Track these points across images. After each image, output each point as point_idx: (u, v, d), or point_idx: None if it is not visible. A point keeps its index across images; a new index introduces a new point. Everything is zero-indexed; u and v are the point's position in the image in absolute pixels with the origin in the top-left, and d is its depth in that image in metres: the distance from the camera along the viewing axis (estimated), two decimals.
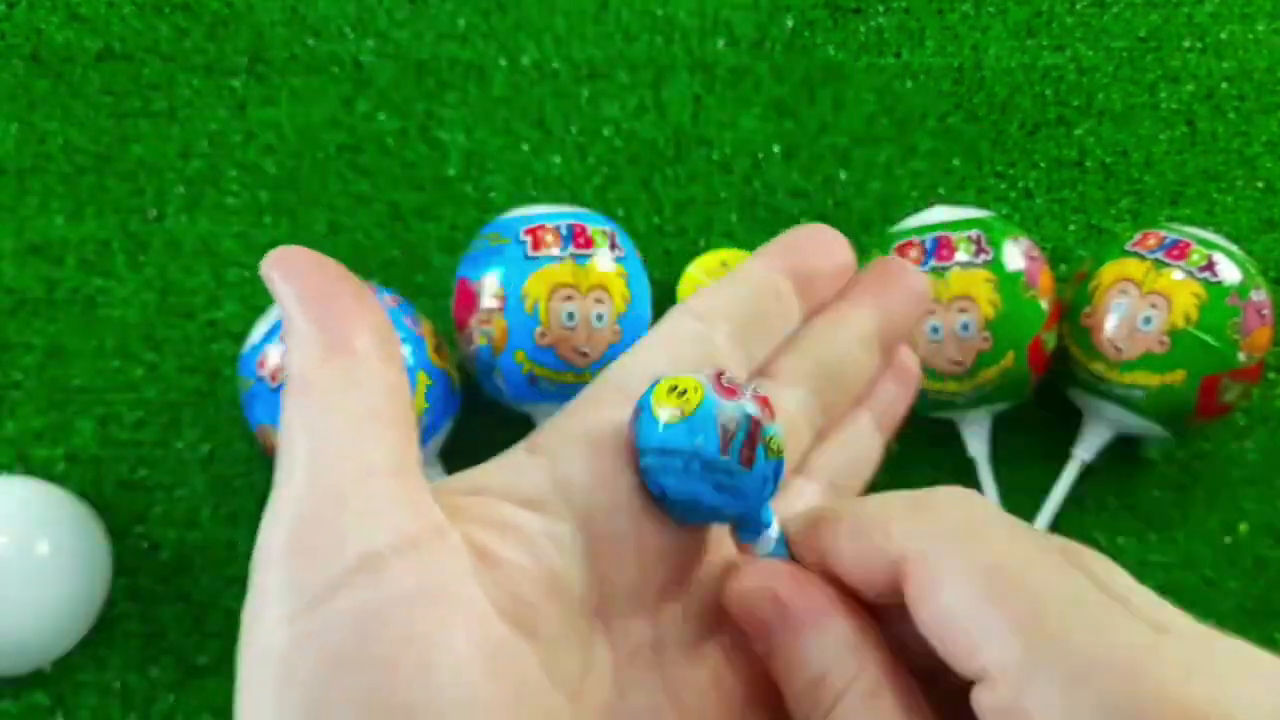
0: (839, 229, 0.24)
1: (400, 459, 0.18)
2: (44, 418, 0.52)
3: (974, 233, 0.46)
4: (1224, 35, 0.59)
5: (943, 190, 0.57)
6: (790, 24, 0.59)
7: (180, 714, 0.48)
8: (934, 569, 0.17)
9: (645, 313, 0.49)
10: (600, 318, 0.46)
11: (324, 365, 0.18)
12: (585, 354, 0.47)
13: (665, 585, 0.20)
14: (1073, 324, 0.49)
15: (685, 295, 0.53)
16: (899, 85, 0.58)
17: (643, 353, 0.22)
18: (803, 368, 0.23)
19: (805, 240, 0.24)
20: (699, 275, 0.53)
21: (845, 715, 0.18)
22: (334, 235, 0.55)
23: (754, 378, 0.23)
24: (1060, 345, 0.49)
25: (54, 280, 0.54)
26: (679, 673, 0.20)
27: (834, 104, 0.58)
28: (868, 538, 0.18)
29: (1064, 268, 0.55)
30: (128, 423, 0.52)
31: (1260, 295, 0.46)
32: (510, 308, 0.46)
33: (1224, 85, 0.59)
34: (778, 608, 0.19)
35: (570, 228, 0.47)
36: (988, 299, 0.45)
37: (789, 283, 0.23)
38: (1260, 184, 0.57)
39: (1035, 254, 0.47)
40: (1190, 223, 0.56)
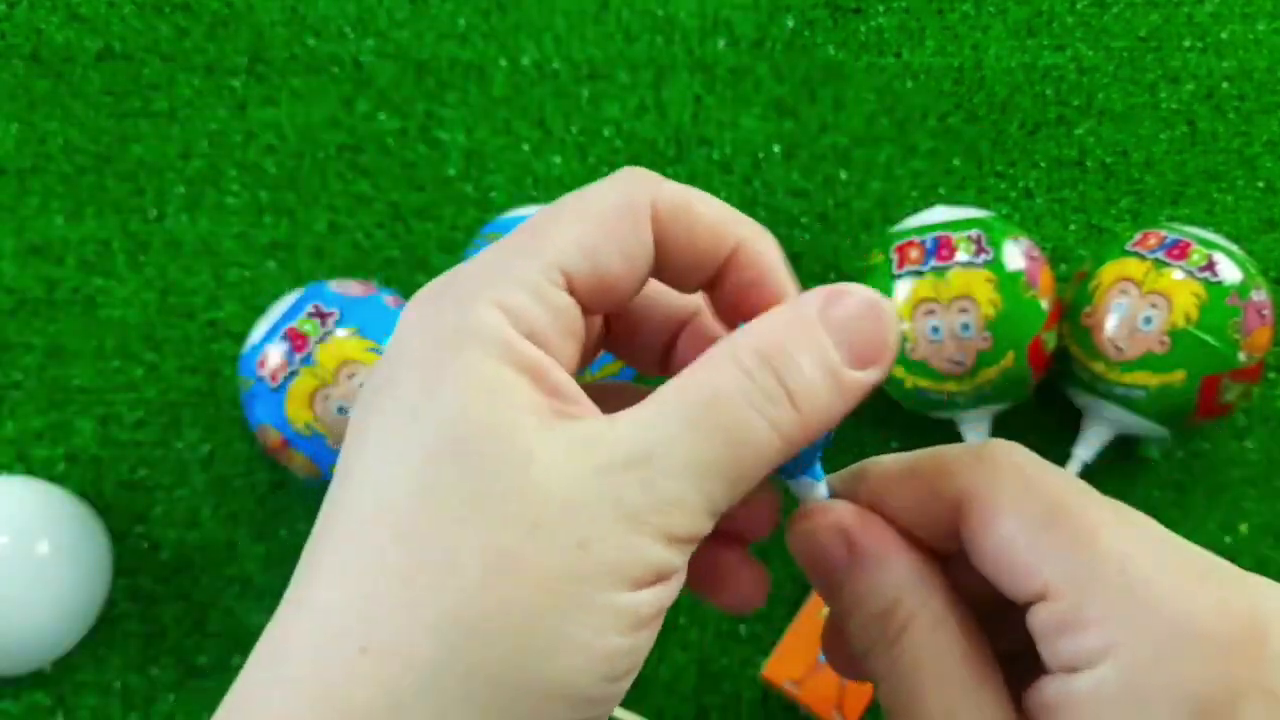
0: (839, 229, 0.24)
1: None
2: (44, 418, 0.52)
3: (974, 232, 0.46)
4: (1224, 35, 0.59)
5: (943, 190, 0.57)
6: (790, 24, 0.59)
7: (180, 714, 0.48)
8: (995, 503, 0.19)
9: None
10: None
11: None
12: None
13: None
14: (1073, 324, 0.49)
15: None
16: (899, 85, 0.58)
17: None
18: None
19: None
20: None
21: (911, 643, 0.19)
22: (334, 235, 0.55)
23: None
24: (1060, 345, 0.49)
25: (54, 280, 0.54)
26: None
27: (834, 104, 0.58)
28: (926, 481, 0.20)
29: (1064, 267, 0.55)
30: (128, 423, 0.52)
31: (1260, 295, 0.46)
32: None
33: (1224, 85, 0.59)
34: (848, 544, 0.20)
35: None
36: (988, 299, 0.45)
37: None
38: (1261, 184, 0.57)
39: (1035, 254, 0.47)
40: (1191, 222, 0.56)
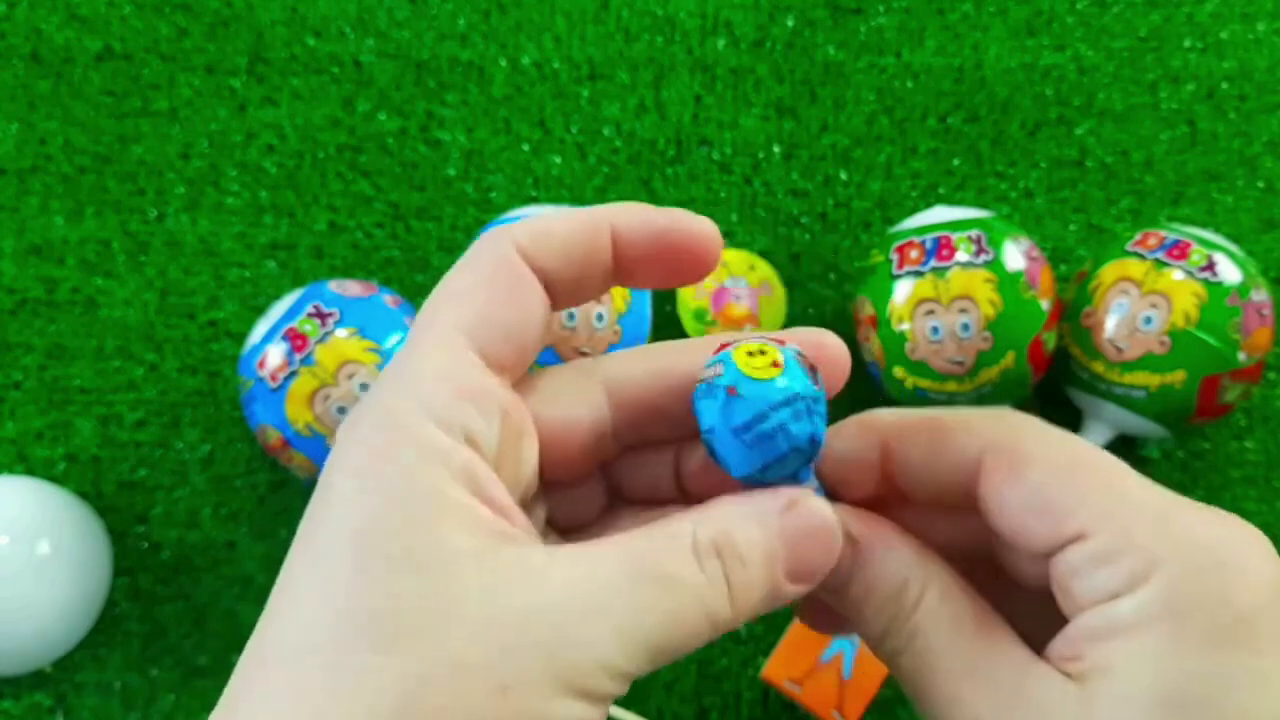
0: (839, 229, 0.24)
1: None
2: (44, 418, 0.52)
3: (974, 233, 0.46)
4: (1225, 35, 0.59)
5: (943, 190, 0.57)
6: (791, 24, 0.59)
7: (181, 714, 0.48)
8: (1022, 455, 0.20)
9: (645, 313, 0.49)
10: (600, 318, 0.46)
11: None
12: (586, 354, 0.47)
13: None
14: (1073, 324, 0.49)
15: (686, 294, 0.53)
16: (899, 85, 0.58)
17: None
18: None
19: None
20: None
21: (927, 615, 0.20)
22: (334, 235, 0.55)
23: None
24: (1060, 345, 0.49)
25: (54, 280, 0.54)
26: None
27: (834, 104, 0.58)
28: (944, 435, 0.21)
29: (1064, 268, 0.55)
30: (128, 423, 0.52)
31: (1261, 295, 0.46)
32: None
33: (1225, 85, 0.59)
34: (850, 541, 0.21)
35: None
36: (988, 299, 0.45)
37: None
38: (1261, 184, 0.57)
39: (1036, 254, 0.47)
40: (1191, 223, 0.56)
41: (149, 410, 0.52)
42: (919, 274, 0.46)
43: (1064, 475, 0.19)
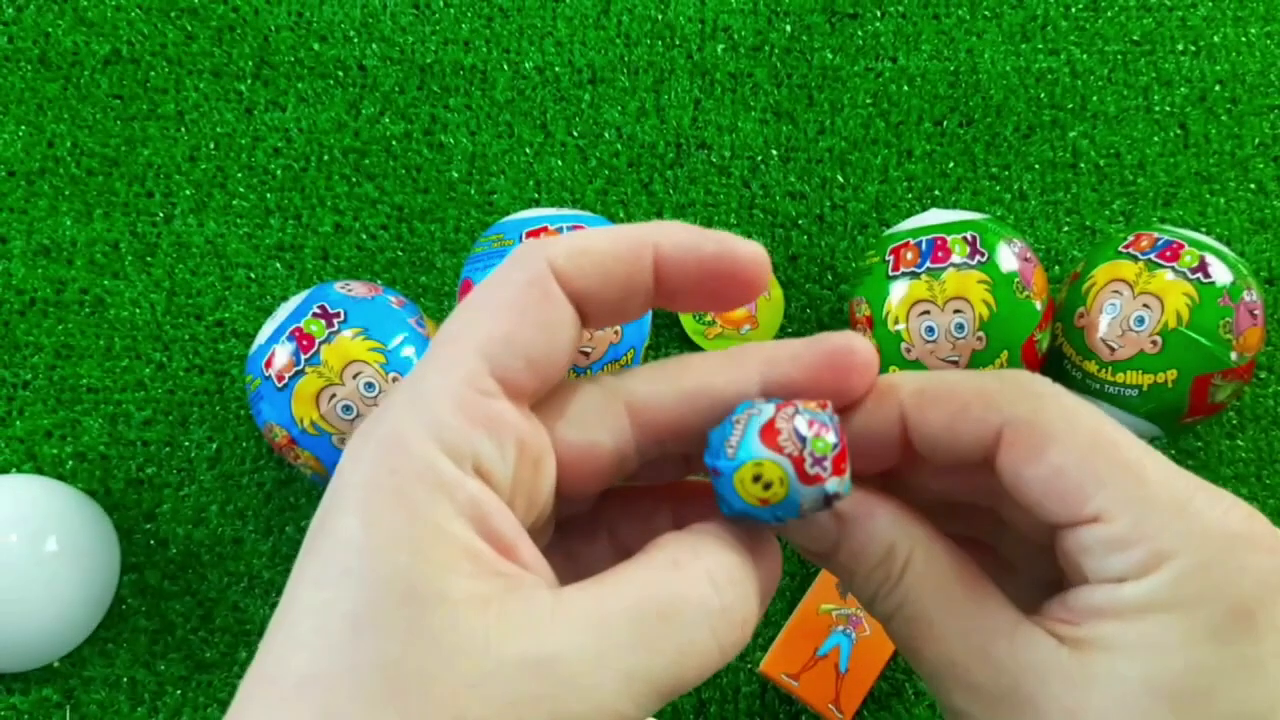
0: (836, 231, 0.25)
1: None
2: (53, 416, 0.53)
3: (969, 234, 0.47)
4: (1217, 39, 0.60)
5: (938, 193, 0.57)
6: (788, 29, 0.60)
7: (188, 708, 0.49)
8: (1041, 432, 0.19)
9: (645, 314, 0.49)
10: None
11: None
12: (587, 353, 0.47)
13: None
14: (1066, 324, 0.49)
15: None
16: (895, 89, 0.59)
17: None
18: None
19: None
20: None
21: (914, 577, 0.20)
22: (340, 237, 0.56)
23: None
24: (1054, 345, 0.50)
25: (63, 281, 0.55)
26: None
27: (831, 108, 0.59)
28: (964, 405, 0.20)
29: (1058, 269, 0.56)
30: (136, 421, 0.53)
31: (1252, 296, 0.47)
32: None
33: (1217, 88, 0.59)
34: (834, 517, 0.21)
35: (572, 230, 0.48)
36: (982, 300, 0.46)
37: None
38: (1252, 186, 0.58)
39: (1029, 255, 0.48)
40: (1183, 224, 0.57)
41: (157, 409, 0.53)
42: (914, 275, 0.47)
43: (1084, 456, 0.19)
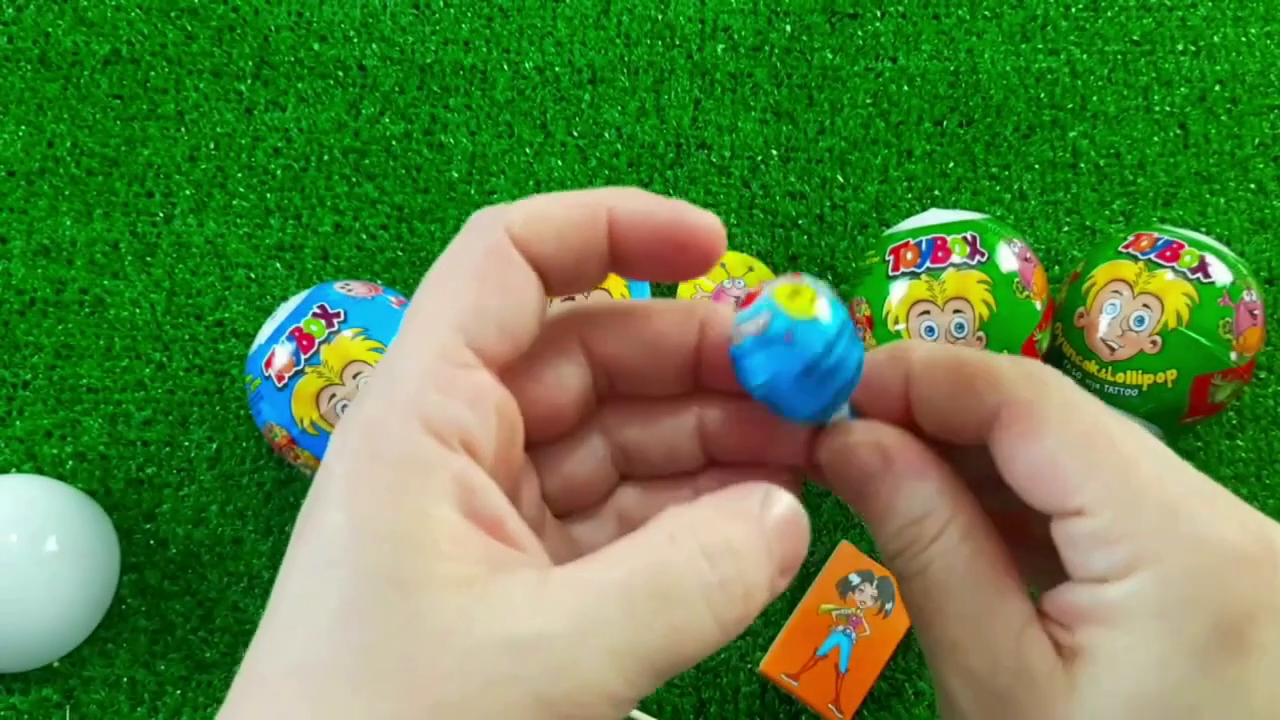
0: (836, 231, 0.25)
1: None
2: (53, 416, 0.53)
3: (969, 235, 0.47)
4: (1217, 39, 0.60)
5: (938, 193, 0.58)
6: (788, 29, 0.60)
7: (188, 708, 0.49)
8: (1040, 418, 0.19)
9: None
10: None
11: None
12: None
13: None
14: (1066, 324, 0.49)
15: (685, 296, 0.53)
16: (895, 89, 0.59)
17: None
18: None
19: None
20: None
21: (943, 550, 0.20)
22: (340, 237, 0.56)
23: None
24: (1054, 345, 0.50)
25: (63, 281, 0.55)
26: None
27: (831, 108, 0.59)
28: (969, 380, 0.20)
29: (1058, 269, 0.56)
30: (136, 421, 0.53)
31: (1251, 296, 0.47)
32: None
33: (1216, 88, 0.59)
34: (884, 457, 0.21)
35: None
36: (982, 300, 0.46)
37: None
38: (1252, 186, 0.58)
39: (1029, 255, 0.48)
40: (1183, 224, 0.57)
41: (157, 409, 0.53)
42: (914, 275, 0.47)
43: (1078, 446, 0.19)
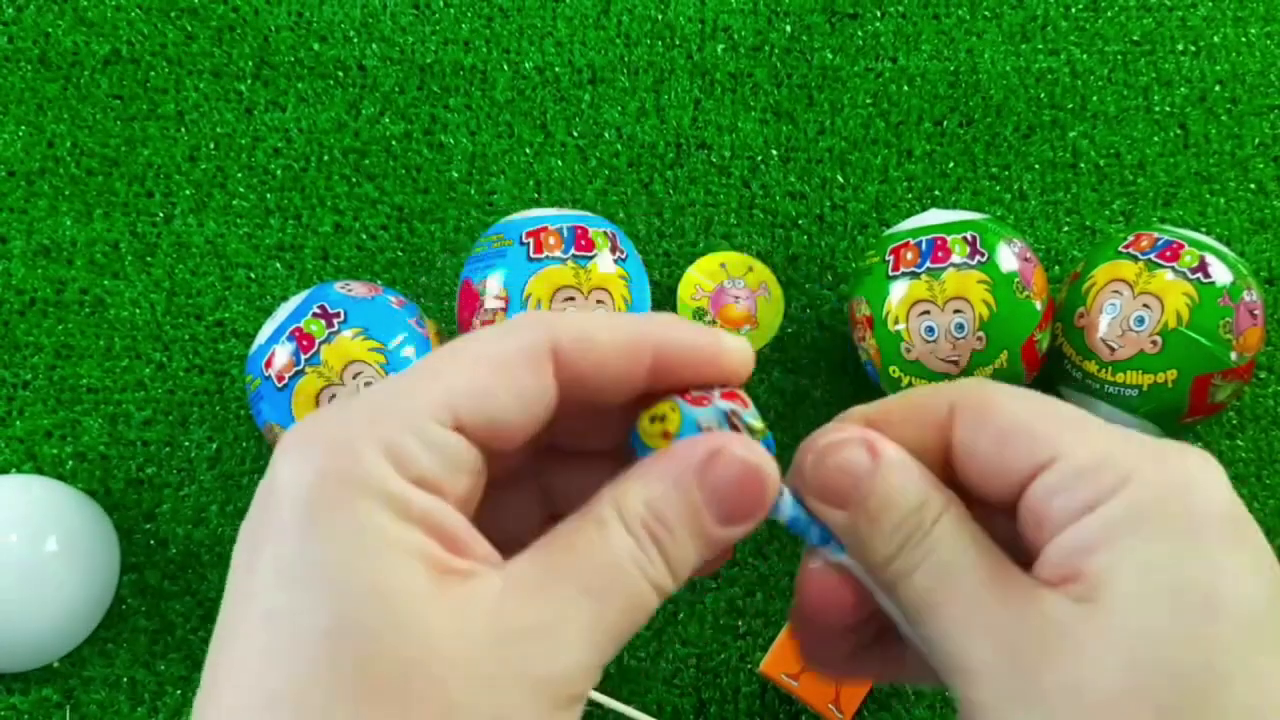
0: (836, 231, 0.25)
1: None
2: (53, 416, 0.53)
3: (969, 234, 0.47)
4: (1217, 39, 0.60)
5: (938, 193, 0.58)
6: (788, 29, 0.60)
7: (188, 709, 0.49)
8: (988, 401, 0.21)
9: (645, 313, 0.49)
10: None
11: None
12: None
13: None
14: (1066, 324, 0.49)
15: (685, 296, 0.54)
16: (895, 89, 0.59)
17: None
18: None
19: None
20: (698, 277, 0.54)
21: (945, 534, 0.20)
22: (339, 237, 0.56)
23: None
24: (1054, 345, 0.50)
25: (63, 281, 0.55)
26: None
27: (831, 108, 0.59)
28: (916, 403, 0.22)
29: (1058, 269, 0.56)
30: (136, 421, 0.53)
31: (1252, 296, 0.47)
32: (513, 309, 0.46)
33: (1217, 88, 0.59)
34: (870, 450, 0.21)
35: (572, 230, 0.48)
36: (982, 300, 0.46)
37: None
38: (1252, 186, 0.58)
39: (1029, 255, 0.48)
40: (1183, 224, 0.57)
41: (157, 409, 0.53)
42: (914, 275, 0.47)
43: (1036, 409, 0.20)
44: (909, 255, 0.48)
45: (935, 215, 0.49)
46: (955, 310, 0.46)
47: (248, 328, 0.54)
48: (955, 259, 0.46)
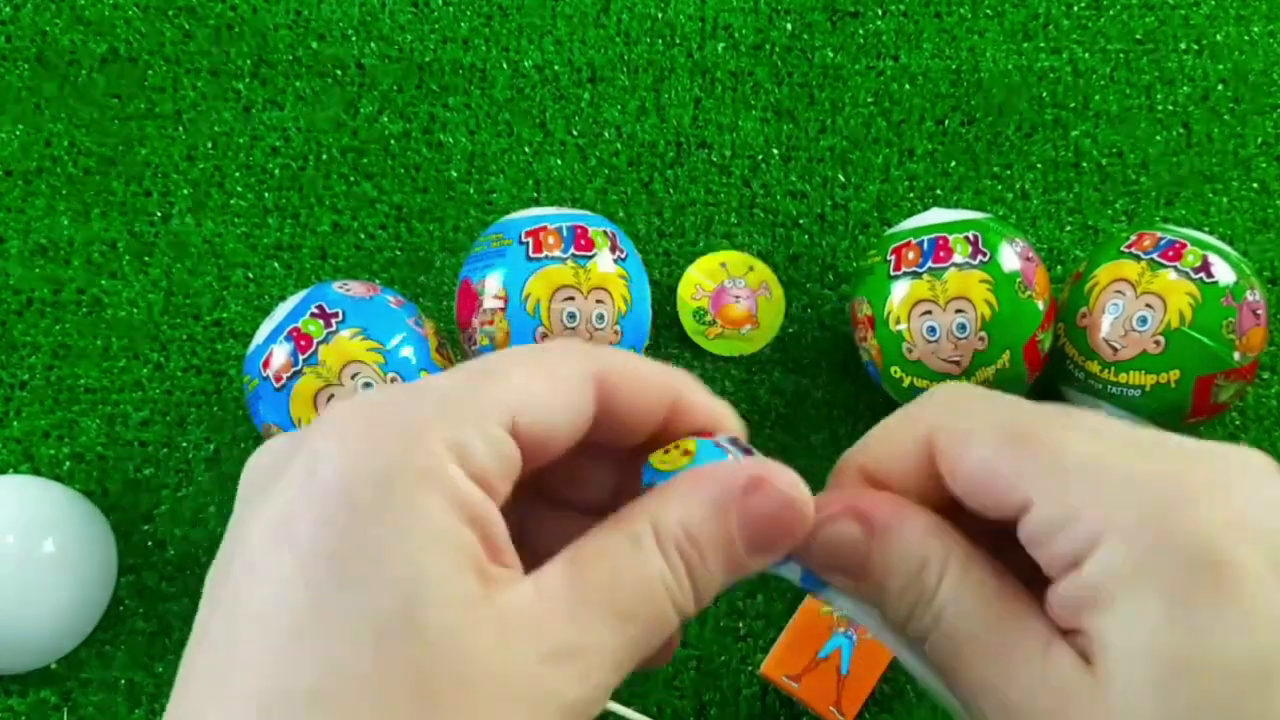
0: (837, 230, 0.25)
1: None
2: (50, 417, 0.52)
3: (970, 234, 0.47)
4: (1220, 37, 0.60)
5: (940, 192, 0.57)
6: (789, 27, 0.60)
7: None
8: (961, 434, 0.20)
9: (645, 314, 0.49)
10: (601, 318, 0.47)
11: None
12: None
13: None
14: (1069, 324, 0.49)
15: (685, 295, 0.53)
16: (896, 88, 0.59)
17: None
18: None
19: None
20: (698, 276, 0.54)
21: (950, 595, 0.20)
22: (338, 236, 0.56)
23: None
24: (1056, 345, 0.50)
25: (60, 281, 0.54)
26: None
27: (832, 107, 0.59)
28: (897, 436, 0.22)
29: (1060, 268, 0.56)
30: (134, 422, 0.52)
31: (1255, 296, 0.47)
32: (512, 308, 0.46)
33: (1220, 87, 0.59)
34: (862, 520, 0.21)
35: (572, 229, 0.48)
36: (984, 299, 0.46)
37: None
38: (1255, 185, 0.57)
39: (1031, 255, 0.48)
40: (1186, 224, 0.56)
41: (154, 409, 0.53)
42: (916, 275, 0.47)
43: (1006, 447, 0.20)
44: (910, 255, 0.47)
45: (937, 214, 0.49)
46: (957, 310, 0.46)
47: (245, 327, 0.54)
48: (957, 259, 0.46)
